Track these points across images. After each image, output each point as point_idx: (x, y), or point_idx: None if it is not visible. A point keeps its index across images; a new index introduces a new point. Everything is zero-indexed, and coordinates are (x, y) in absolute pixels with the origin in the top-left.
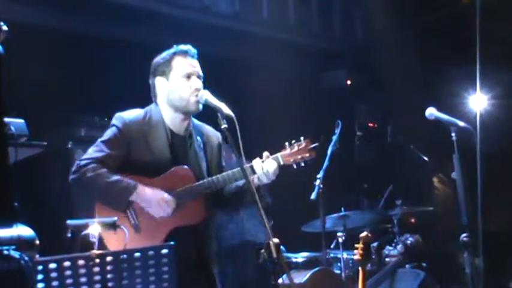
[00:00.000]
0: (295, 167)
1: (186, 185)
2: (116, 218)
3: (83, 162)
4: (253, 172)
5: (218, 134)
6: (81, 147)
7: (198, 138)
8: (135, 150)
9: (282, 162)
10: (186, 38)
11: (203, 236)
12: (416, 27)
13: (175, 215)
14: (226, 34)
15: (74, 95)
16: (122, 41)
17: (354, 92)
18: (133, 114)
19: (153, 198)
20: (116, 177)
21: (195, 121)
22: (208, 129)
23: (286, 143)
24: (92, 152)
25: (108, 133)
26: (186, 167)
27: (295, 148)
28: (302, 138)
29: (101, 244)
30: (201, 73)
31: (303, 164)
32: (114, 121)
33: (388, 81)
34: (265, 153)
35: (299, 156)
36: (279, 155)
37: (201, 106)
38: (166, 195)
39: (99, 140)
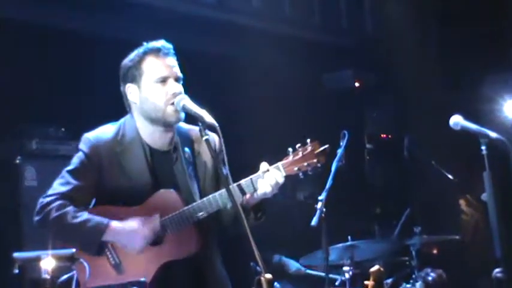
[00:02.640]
0: (301, 176)
1: (173, 211)
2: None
3: (46, 200)
4: (253, 189)
5: (214, 137)
6: (32, 163)
7: (186, 149)
8: (108, 176)
9: (284, 173)
10: (164, 31)
11: (203, 267)
12: (439, 17)
13: (163, 249)
14: (209, 26)
15: (24, 100)
16: (86, 34)
17: (363, 96)
18: (102, 133)
19: (128, 232)
20: (83, 217)
21: (183, 126)
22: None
23: (290, 149)
24: (57, 185)
25: (75, 161)
26: (171, 190)
27: (300, 154)
28: (308, 140)
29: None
30: (179, 74)
31: (310, 173)
32: (80, 145)
33: (404, 83)
34: (264, 165)
35: (305, 163)
36: (280, 164)
37: (182, 115)
38: (142, 223)
39: (65, 169)
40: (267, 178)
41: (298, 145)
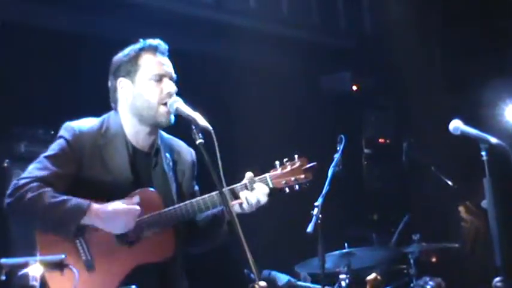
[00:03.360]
0: (287, 190)
1: (152, 212)
2: (63, 256)
3: (22, 182)
4: (235, 197)
5: (192, 151)
6: (20, 167)
7: (167, 155)
8: (88, 169)
9: (271, 185)
10: (157, 31)
11: (172, 275)
12: (440, 17)
13: (138, 250)
14: (205, 26)
15: (12, 101)
16: (76, 33)
17: (361, 99)
18: (86, 124)
19: (115, 211)
20: (63, 197)
21: (164, 134)
22: (180, 144)
23: (277, 162)
24: (33, 169)
25: (54, 147)
26: (152, 189)
27: (288, 168)
28: (296, 156)
29: None
30: (174, 74)
31: (297, 187)
32: (62, 132)
33: (403, 86)
34: (249, 174)
35: (292, 178)
36: (267, 175)
37: (172, 118)
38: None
39: (43, 155)
40: (256, 188)
41: (285, 159)
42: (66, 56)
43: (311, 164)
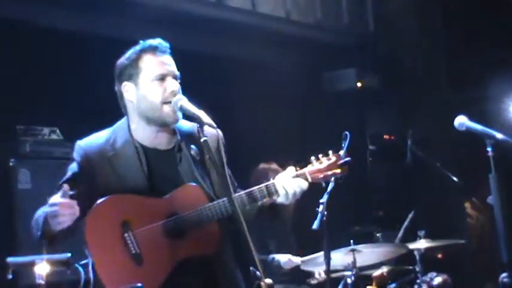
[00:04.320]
0: (324, 185)
1: (197, 206)
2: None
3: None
4: (274, 193)
5: (217, 132)
6: (26, 166)
7: (193, 147)
8: (102, 183)
9: (310, 180)
10: (161, 29)
11: (219, 268)
12: (444, 14)
13: (184, 244)
14: (205, 25)
15: (18, 102)
16: (80, 33)
17: (365, 96)
18: (94, 139)
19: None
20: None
21: (184, 124)
22: (205, 128)
23: (312, 157)
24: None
25: (68, 171)
26: (193, 184)
27: (324, 163)
28: (330, 151)
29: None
30: (177, 72)
31: (332, 180)
32: (73, 153)
33: (408, 83)
34: (291, 169)
35: (329, 172)
36: (306, 171)
37: (180, 115)
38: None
39: (60, 182)
40: (296, 183)
41: (320, 155)
42: (71, 55)
43: (346, 159)
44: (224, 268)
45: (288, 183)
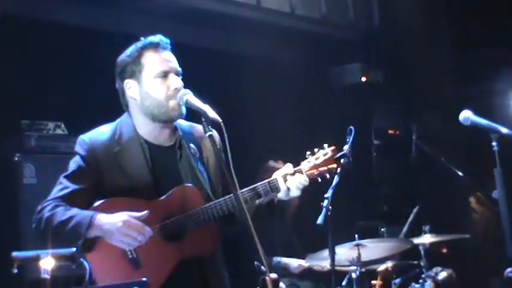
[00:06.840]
0: (320, 180)
1: (193, 207)
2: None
3: (42, 206)
4: (276, 189)
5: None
6: (31, 160)
7: (192, 145)
8: (108, 178)
9: (306, 176)
10: (164, 24)
11: (213, 267)
12: (449, 8)
13: (181, 245)
14: (210, 20)
15: (23, 96)
16: (84, 28)
17: (370, 91)
18: (98, 133)
19: (113, 225)
20: (70, 213)
21: (183, 123)
22: (200, 130)
23: (308, 152)
24: (55, 191)
25: (71, 165)
26: (190, 185)
27: (321, 158)
28: (326, 145)
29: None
30: (179, 68)
31: (328, 177)
32: (76, 147)
33: (413, 77)
34: (289, 166)
35: (325, 168)
36: (301, 167)
37: (184, 109)
38: (131, 217)
39: (62, 175)
40: (296, 179)
41: (316, 149)
42: (76, 49)
43: (342, 152)
44: (215, 267)
45: (289, 179)
